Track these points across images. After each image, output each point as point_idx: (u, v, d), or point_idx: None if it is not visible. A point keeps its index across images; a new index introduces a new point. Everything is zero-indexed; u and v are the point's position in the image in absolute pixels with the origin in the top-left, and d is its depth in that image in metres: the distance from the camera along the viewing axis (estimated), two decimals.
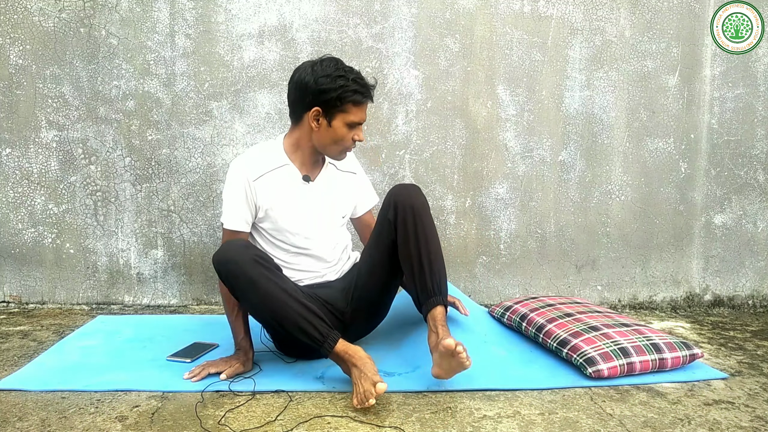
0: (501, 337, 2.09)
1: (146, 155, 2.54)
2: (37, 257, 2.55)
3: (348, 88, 1.73)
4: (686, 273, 2.75)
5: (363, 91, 1.76)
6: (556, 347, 1.88)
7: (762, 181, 2.73)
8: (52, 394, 1.62)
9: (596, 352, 1.77)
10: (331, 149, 1.84)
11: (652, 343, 1.83)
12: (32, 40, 2.46)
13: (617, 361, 1.75)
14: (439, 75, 2.59)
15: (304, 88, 1.75)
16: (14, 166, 2.51)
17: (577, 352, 1.80)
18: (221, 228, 1.96)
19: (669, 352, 1.82)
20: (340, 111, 1.76)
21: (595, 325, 1.93)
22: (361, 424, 1.46)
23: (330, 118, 1.77)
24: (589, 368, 1.74)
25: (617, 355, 1.77)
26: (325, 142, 1.81)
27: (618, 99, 2.66)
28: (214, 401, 1.58)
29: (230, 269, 1.65)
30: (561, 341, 1.87)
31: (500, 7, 2.58)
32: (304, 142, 1.84)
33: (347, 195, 2.00)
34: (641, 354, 1.79)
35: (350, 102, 1.75)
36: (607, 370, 1.74)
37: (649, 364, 1.79)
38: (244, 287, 1.65)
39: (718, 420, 1.53)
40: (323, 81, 1.73)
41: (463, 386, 1.69)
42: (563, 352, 1.85)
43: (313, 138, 1.82)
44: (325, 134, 1.79)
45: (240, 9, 2.51)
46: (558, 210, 2.68)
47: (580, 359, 1.78)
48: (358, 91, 1.75)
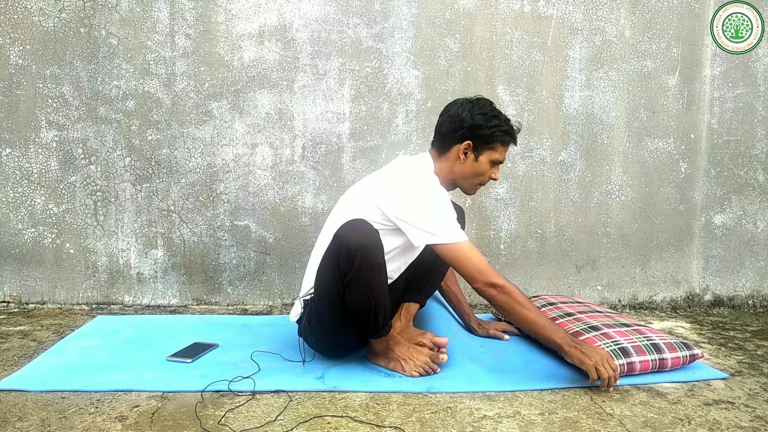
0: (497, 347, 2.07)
1: (146, 155, 2.54)
2: (37, 257, 2.55)
3: (501, 128, 1.83)
4: (686, 273, 2.75)
5: (512, 133, 1.87)
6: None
7: (762, 181, 2.73)
8: (52, 394, 1.62)
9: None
10: (469, 182, 1.91)
11: (652, 343, 1.83)
12: (32, 40, 2.46)
13: (617, 361, 1.74)
14: (439, 75, 2.59)
15: (460, 121, 1.84)
16: (14, 166, 2.51)
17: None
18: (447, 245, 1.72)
19: (669, 352, 1.82)
20: (488, 148, 1.85)
21: (595, 325, 1.93)
22: (361, 424, 1.46)
23: (478, 153, 1.85)
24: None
25: (617, 355, 1.76)
26: (467, 174, 1.88)
27: (618, 99, 2.66)
28: (214, 401, 1.58)
29: (366, 256, 1.66)
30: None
31: (500, 7, 2.58)
32: (445, 172, 1.89)
33: None
34: (641, 354, 1.79)
35: (499, 141, 1.85)
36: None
37: (649, 364, 1.79)
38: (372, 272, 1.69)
39: (718, 420, 1.53)
40: (479, 118, 1.82)
41: (464, 388, 1.69)
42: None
43: (455, 169, 1.88)
44: (469, 167, 1.87)
45: (240, 9, 2.51)
46: (558, 210, 2.68)
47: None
48: (508, 133, 1.85)
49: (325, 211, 2.59)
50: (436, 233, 1.72)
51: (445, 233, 1.73)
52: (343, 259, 1.67)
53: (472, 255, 1.73)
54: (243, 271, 2.61)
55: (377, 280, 1.70)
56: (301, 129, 2.57)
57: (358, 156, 2.60)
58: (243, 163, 2.57)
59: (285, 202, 2.60)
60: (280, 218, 2.59)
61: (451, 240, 1.73)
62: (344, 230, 1.69)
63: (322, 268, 1.76)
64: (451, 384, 1.71)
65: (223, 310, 2.55)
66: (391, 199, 1.76)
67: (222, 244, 2.59)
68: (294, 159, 2.58)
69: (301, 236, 2.60)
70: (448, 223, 1.74)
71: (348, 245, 1.66)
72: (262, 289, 2.63)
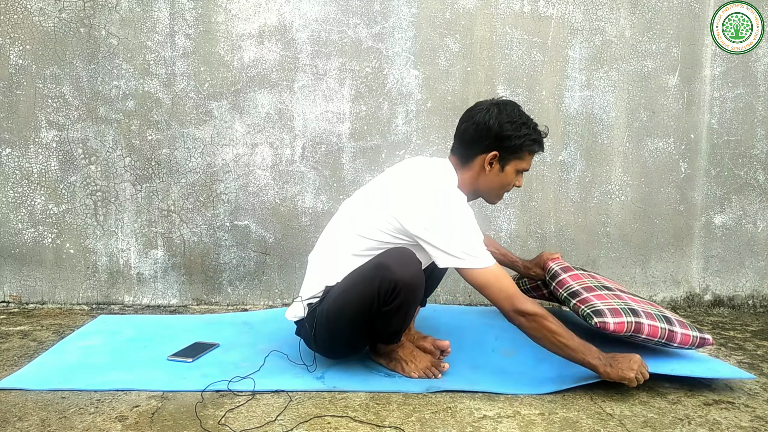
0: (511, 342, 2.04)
1: (146, 155, 2.54)
2: (37, 257, 2.55)
3: (530, 137, 1.73)
4: (686, 273, 2.75)
5: (541, 141, 1.77)
6: (566, 297, 1.87)
7: (762, 181, 2.73)
8: (52, 394, 1.62)
9: (605, 306, 1.75)
10: (494, 192, 1.81)
11: (664, 315, 1.81)
12: (32, 40, 2.46)
13: (625, 318, 1.70)
14: (439, 75, 2.59)
15: (487, 130, 1.72)
16: (14, 166, 2.51)
17: (585, 304, 1.78)
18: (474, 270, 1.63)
19: (680, 327, 1.78)
20: (516, 158, 1.74)
21: (609, 286, 1.93)
22: (361, 424, 1.46)
23: (504, 163, 1.74)
24: (595, 318, 1.71)
25: (626, 313, 1.73)
26: (492, 185, 1.78)
27: (618, 99, 2.66)
28: (214, 401, 1.58)
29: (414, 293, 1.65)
30: (572, 292, 1.86)
31: (500, 7, 2.58)
32: (468, 183, 1.77)
33: None
34: (651, 319, 1.75)
35: (528, 150, 1.75)
36: (613, 324, 1.69)
37: (657, 330, 1.73)
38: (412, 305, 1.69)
39: (718, 420, 1.53)
40: (508, 127, 1.70)
41: (464, 388, 1.69)
42: (571, 302, 1.83)
43: (479, 180, 1.77)
44: (494, 178, 1.76)
45: (240, 9, 2.51)
46: (558, 210, 2.68)
47: (588, 310, 1.75)
48: (537, 141, 1.75)
49: (325, 211, 2.59)
50: (464, 258, 1.62)
51: (473, 258, 1.62)
52: (384, 291, 1.60)
53: (500, 280, 1.63)
54: (243, 271, 2.61)
55: (413, 310, 1.71)
56: (301, 129, 2.57)
57: (358, 156, 2.60)
58: (243, 163, 2.57)
59: (285, 202, 2.60)
60: (280, 218, 2.59)
61: (479, 265, 1.62)
62: (391, 261, 1.62)
63: (354, 288, 1.66)
64: (451, 384, 1.71)
65: (223, 310, 2.55)
66: (413, 216, 1.65)
67: (222, 244, 2.59)
68: (294, 159, 2.58)
69: (301, 236, 2.60)
70: (476, 246, 1.64)
71: (395, 280, 1.59)
72: (262, 289, 2.63)
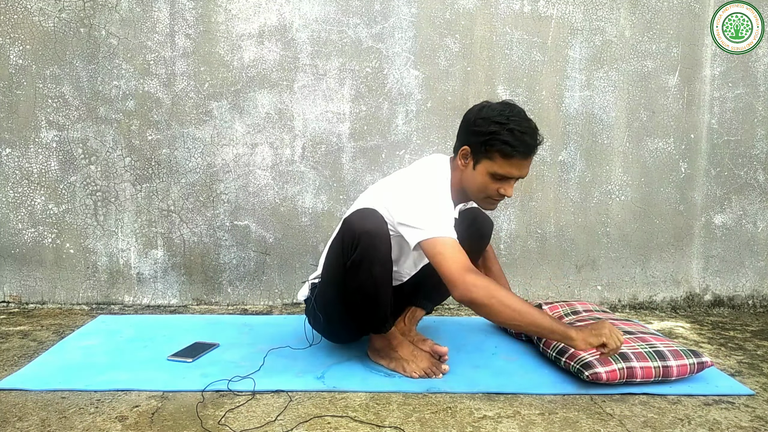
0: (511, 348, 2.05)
1: (146, 155, 2.54)
2: (37, 257, 2.55)
3: (498, 137, 1.62)
4: (686, 273, 2.75)
5: (515, 145, 1.61)
6: (555, 357, 1.83)
7: (762, 181, 2.73)
8: (52, 394, 1.62)
9: (593, 357, 1.69)
10: (474, 195, 1.74)
11: (655, 350, 1.74)
12: (32, 40, 2.46)
13: (616, 365, 1.67)
14: (439, 75, 2.59)
15: (464, 123, 1.72)
16: (14, 166, 2.51)
17: (574, 360, 1.73)
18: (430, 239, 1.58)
19: (674, 359, 1.72)
20: (485, 157, 1.66)
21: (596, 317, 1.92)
22: (361, 424, 1.46)
23: (476, 160, 1.69)
24: (585, 372, 1.67)
25: (615, 360, 1.68)
26: (470, 185, 1.72)
27: (618, 99, 2.66)
28: (214, 401, 1.58)
29: (371, 242, 1.63)
30: (560, 350, 1.81)
31: (500, 7, 2.58)
32: (455, 179, 1.76)
33: None
34: (642, 360, 1.70)
35: (497, 151, 1.63)
36: (605, 373, 1.65)
37: (651, 371, 1.69)
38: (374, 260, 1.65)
39: (718, 420, 1.53)
40: (480, 122, 1.65)
41: (464, 389, 1.69)
42: (561, 361, 1.79)
43: (462, 177, 1.74)
44: (470, 177, 1.71)
45: (240, 9, 2.51)
46: (558, 210, 2.68)
47: (577, 365, 1.71)
48: (508, 143, 1.61)
49: (325, 211, 2.59)
50: (423, 228, 1.58)
51: (432, 228, 1.58)
52: (347, 243, 1.66)
53: (456, 252, 1.55)
54: (243, 271, 2.61)
55: (379, 270, 1.67)
56: (301, 129, 2.57)
57: (358, 156, 2.60)
58: (243, 163, 2.57)
59: (285, 202, 2.60)
60: (280, 218, 2.60)
61: (437, 234, 1.57)
62: (353, 216, 1.69)
63: (329, 252, 1.78)
64: (451, 384, 1.71)
65: (223, 310, 2.55)
66: (393, 204, 1.68)
67: (222, 244, 2.59)
68: (294, 159, 2.58)
69: (301, 236, 2.60)
70: (436, 217, 1.60)
71: (354, 230, 1.64)
72: (262, 289, 2.63)
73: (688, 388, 1.71)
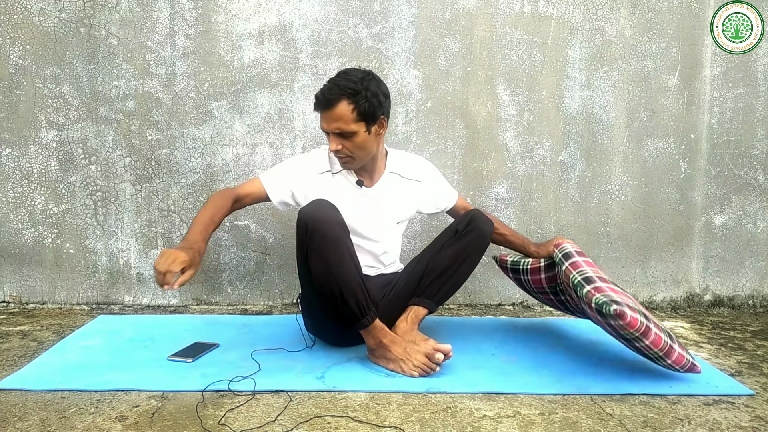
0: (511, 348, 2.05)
1: (146, 155, 2.54)
2: (37, 257, 2.55)
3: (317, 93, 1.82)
4: (686, 273, 2.75)
5: (316, 99, 1.82)
6: (579, 281, 1.74)
7: (762, 181, 2.73)
8: (52, 394, 1.62)
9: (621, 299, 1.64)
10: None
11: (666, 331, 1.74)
12: (32, 40, 2.46)
13: (639, 317, 1.61)
14: (439, 75, 2.59)
15: None
16: (14, 166, 2.51)
17: (601, 293, 1.67)
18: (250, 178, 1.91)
19: (678, 347, 1.72)
20: None
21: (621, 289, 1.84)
22: (361, 424, 1.46)
23: None
24: (613, 305, 1.59)
25: (640, 314, 1.64)
26: None
27: (618, 99, 2.66)
28: (214, 401, 1.58)
29: (319, 227, 1.70)
30: (587, 277, 1.73)
31: (500, 7, 2.58)
32: None
33: (405, 202, 2.06)
34: (658, 329, 1.68)
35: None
36: (630, 316, 1.59)
37: (660, 341, 1.65)
38: (326, 246, 1.71)
39: (718, 420, 1.53)
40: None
41: (464, 389, 1.69)
42: (585, 289, 1.70)
43: None
44: None
45: (240, 9, 2.51)
46: (558, 210, 2.68)
47: (603, 298, 1.64)
48: (316, 97, 1.82)
49: None
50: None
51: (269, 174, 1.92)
52: (302, 230, 1.74)
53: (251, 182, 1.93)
54: (243, 271, 2.61)
55: (333, 256, 1.71)
56: (301, 129, 2.57)
57: None
58: (243, 163, 2.57)
59: None
60: (280, 218, 2.60)
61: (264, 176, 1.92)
62: (306, 207, 1.76)
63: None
64: (451, 384, 1.71)
65: (223, 310, 2.55)
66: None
67: (222, 244, 2.59)
68: None
69: None
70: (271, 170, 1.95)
71: (305, 219, 1.72)
72: (262, 289, 2.63)
73: (688, 388, 1.71)
